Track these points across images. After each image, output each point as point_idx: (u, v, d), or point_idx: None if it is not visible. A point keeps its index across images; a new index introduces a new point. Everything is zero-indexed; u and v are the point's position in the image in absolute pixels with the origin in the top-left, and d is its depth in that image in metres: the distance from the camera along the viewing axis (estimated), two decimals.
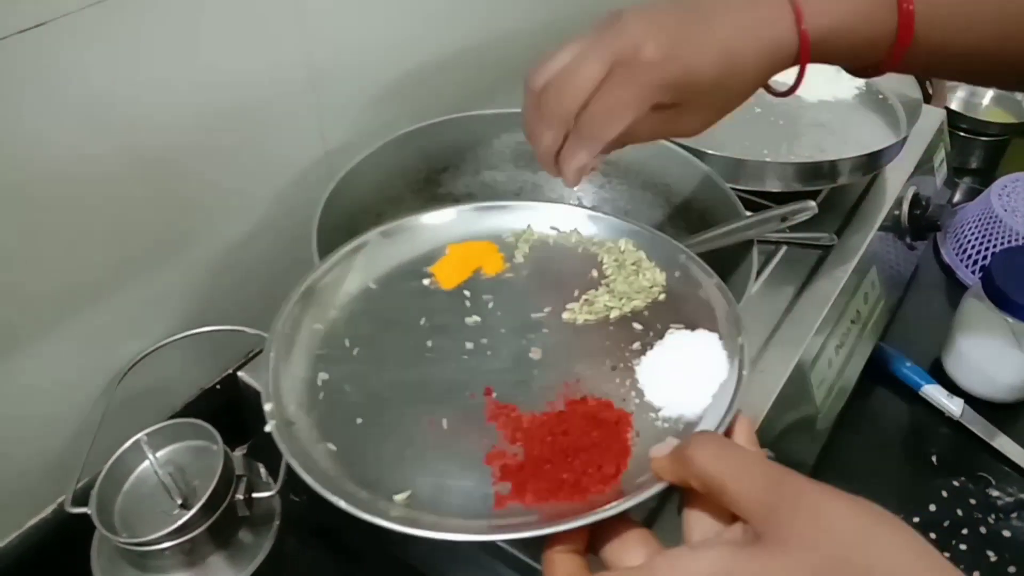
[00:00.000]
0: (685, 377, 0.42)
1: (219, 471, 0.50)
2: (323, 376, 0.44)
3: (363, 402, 0.43)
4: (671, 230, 0.65)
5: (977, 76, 0.50)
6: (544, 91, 0.44)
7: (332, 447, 0.40)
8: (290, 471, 0.53)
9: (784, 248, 0.73)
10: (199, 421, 0.54)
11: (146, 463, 0.53)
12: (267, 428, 0.40)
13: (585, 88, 0.43)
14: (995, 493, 0.68)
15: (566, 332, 0.47)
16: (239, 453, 0.57)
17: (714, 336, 0.44)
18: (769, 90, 0.50)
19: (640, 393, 0.42)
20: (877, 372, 0.78)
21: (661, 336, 0.45)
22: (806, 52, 0.44)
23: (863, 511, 0.31)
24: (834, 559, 0.29)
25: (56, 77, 0.47)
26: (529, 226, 0.53)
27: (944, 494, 0.68)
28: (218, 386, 0.65)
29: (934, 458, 0.72)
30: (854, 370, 0.74)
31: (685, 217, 0.66)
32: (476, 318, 0.48)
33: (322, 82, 0.64)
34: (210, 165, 0.58)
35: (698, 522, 0.34)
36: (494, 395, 0.43)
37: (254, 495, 0.53)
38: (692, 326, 0.45)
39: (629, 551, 0.34)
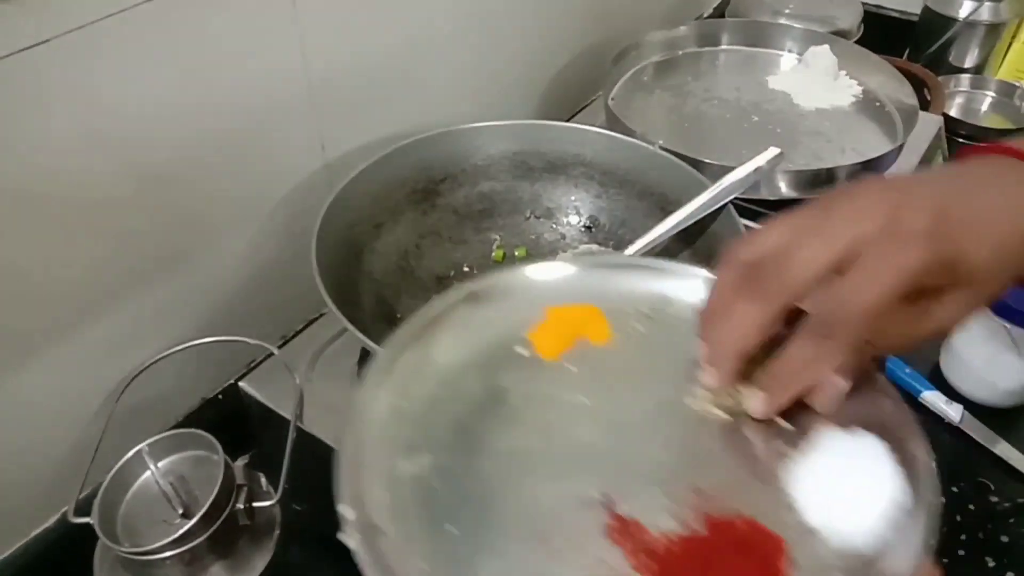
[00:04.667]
0: (851, 494, 0.34)
1: (220, 481, 0.51)
2: (410, 469, 0.36)
3: (456, 505, 0.35)
4: (668, 240, 0.65)
5: None
6: (757, 264, 0.35)
7: (424, 566, 0.32)
8: (290, 480, 0.54)
9: None
10: (200, 431, 0.54)
11: (148, 473, 0.54)
12: (349, 540, 0.32)
13: (822, 264, 0.33)
14: (995, 499, 0.68)
15: (694, 424, 0.38)
16: (240, 463, 0.57)
17: (877, 442, 0.35)
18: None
19: (795, 512, 0.34)
20: None
21: (814, 438, 0.36)
22: None
23: None
24: None
25: (59, 93, 0.47)
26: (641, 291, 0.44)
27: (943, 500, 0.68)
28: (219, 396, 0.66)
29: (933, 464, 0.72)
30: None
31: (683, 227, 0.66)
32: (584, 400, 0.39)
33: (321, 95, 0.65)
34: (211, 178, 0.59)
35: None
36: (615, 506, 0.34)
37: (255, 504, 0.53)
38: (850, 427, 0.36)
39: None
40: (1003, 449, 0.72)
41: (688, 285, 0.43)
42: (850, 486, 0.34)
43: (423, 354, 0.41)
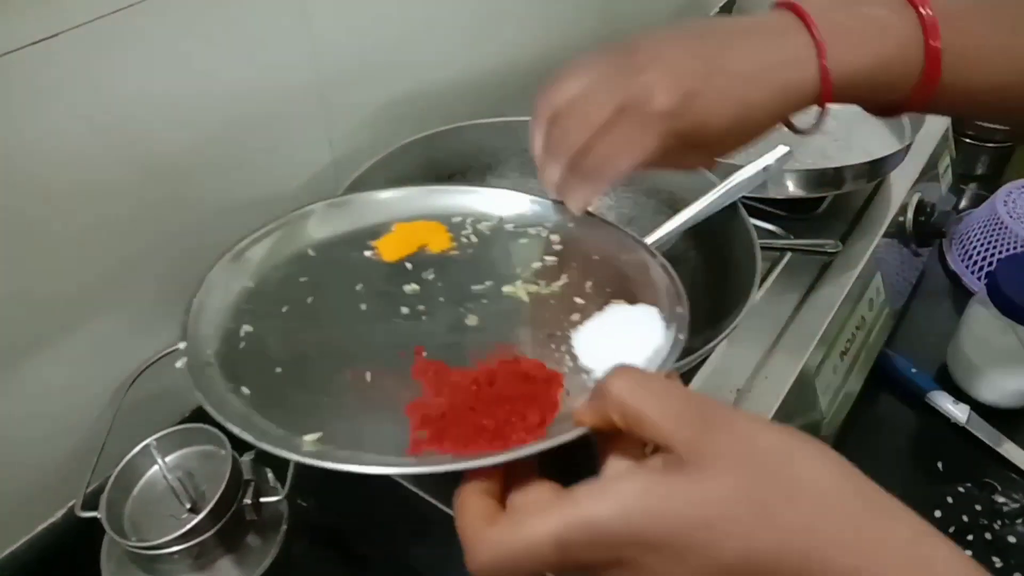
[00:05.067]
0: (621, 343, 0.42)
1: (227, 476, 0.51)
2: (247, 328, 0.44)
3: (285, 354, 0.42)
4: (676, 238, 0.65)
5: (1003, 117, 0.49)
6: (552, 122, 0.45)
7: (246, 391, 0.40)
8: (297, 475, 0.54)
9: (788, 255, 0.74)
10: (208, 426, 0.54)
11: (155, 468, 0.54)
12: (178, 365, 0.40)
13: (591, 126, 0.43)
14: (1001, 499, 0.68)
15: (506, 304, 0.46)
16: (247, 458, 0.57)
17: (654, 309, 0.44)
18: (790, 127, 0.49)
19: (574, 358, 0.42)
20: (882, 378, 0.78)
21: (601, 309, 0.45)
22: (827, 94, 0.43)
23: (787, 433, 0.30)
24: (759, 478, 0.29)
25: (71, 87, 0.47)
26: (478, 209, 0.53)
27: (949, 500, 0.68)
28: None
29: (940, 464, 0.72)
30: (859, 376, 0.75)
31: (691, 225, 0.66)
32: (414, 286, 0.47)
33: (329, 91, 0.65)
34: (219, 173, 0.59)
35: (615, 460, 0.33)
36: (424, 354, 0.42)
37: (262, 500, 0.53)
38: (633, 301, 0.45)
39: (537, 494, 0.32)
40: (1009, 450, 0.72)
41: (521, 208, 0.52)
42: (623, 340, 0.42)
43: (274, 248, 0.49)
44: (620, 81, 0.42)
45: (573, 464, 0.34)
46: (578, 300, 0.46)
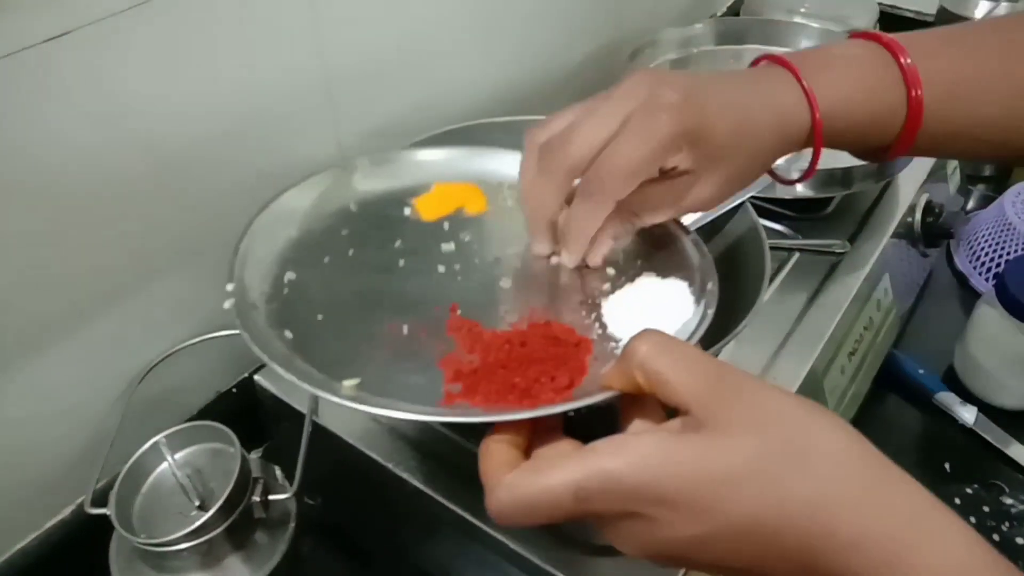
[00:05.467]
0: (650, 315, 0.43)
1: (236, 473, 0.51)
2: (290, 275, 0.46)
3: (326, 302, 0.45)
4: None
5: (985, 155, 0.49)
6: (547, 145, 0.42)
7: (289, 334, 0.42)
8: (306, 473, 0.54)
9: (797, 255, 0.74)
10: (217, 424, 0.54)
11: (164, 465, 0.54)
12: (225, 305, 0.42)
13: (595, 139, 0.40)
14: (1008, 501, 0.68)
15: (539, 268, 0.47)
16: (255, 456, 0.58)
17: (684, 284, 0.45)
18: (778, 178, 0.50)
19: (604, 326, 0.43)
20: (890, 379, 0.78)
21: (632, 280, 0.46)
22: (819, 133, 0.43)
23: (801, 402, 0.31)
24: (772, 444, 0.30)
25: (80, 84, 0.47)
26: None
27: (957, 502, 0.68)
28: (234, 390, 0.66)
29: (947, 466, 0.72)
30: (867, 377, 0.74)
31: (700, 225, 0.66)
32: (451, 245, 0.49)
33: (338, 90, 0.65)
34: (229, 172, 0.59)
35: (636, 422, 0.34)
36: (459, 311, 0.44)
37: (270, 497, 0.53)
38: (664, 275, 0.46)
39: (559, 448, 0.34)
40: (1017, 451, 0.72)
41: None
42: (652, 311, 0.43)
43: (317, 201, 0.51)
44: (618, 95, 0.41)
45: (596, 427, 0.35)
46: (609, 270, 0.47)
